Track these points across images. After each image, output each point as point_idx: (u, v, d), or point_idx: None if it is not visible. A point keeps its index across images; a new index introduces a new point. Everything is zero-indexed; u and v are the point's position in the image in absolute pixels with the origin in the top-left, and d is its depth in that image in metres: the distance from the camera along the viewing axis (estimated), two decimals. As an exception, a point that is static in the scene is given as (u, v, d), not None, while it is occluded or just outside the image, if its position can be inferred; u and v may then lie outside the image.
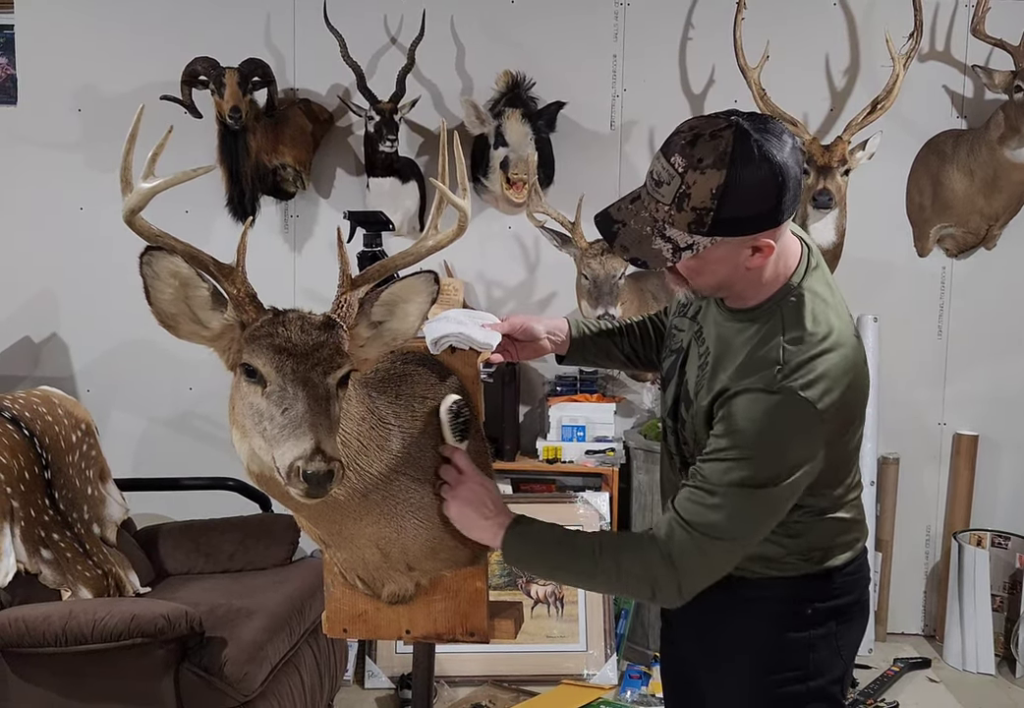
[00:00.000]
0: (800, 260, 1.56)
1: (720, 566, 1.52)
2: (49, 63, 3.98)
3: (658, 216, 1.45)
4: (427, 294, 1.57)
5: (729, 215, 1.41)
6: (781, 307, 1.52)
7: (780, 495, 1.48)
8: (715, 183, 1.40)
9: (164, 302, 1.43)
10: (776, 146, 1.41)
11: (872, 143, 3.44)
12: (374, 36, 3.89)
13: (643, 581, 1.52)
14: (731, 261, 1.49)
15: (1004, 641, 3.75)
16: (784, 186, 1.42)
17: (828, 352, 1.48)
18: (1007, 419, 3.93)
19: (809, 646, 1.64)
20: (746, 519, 1.48)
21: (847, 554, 1.66)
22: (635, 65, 3.89)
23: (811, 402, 1.44)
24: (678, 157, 1.42)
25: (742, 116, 1.44)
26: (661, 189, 1.44)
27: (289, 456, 1.33)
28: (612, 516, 3.66)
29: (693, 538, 1.47)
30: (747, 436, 1.46)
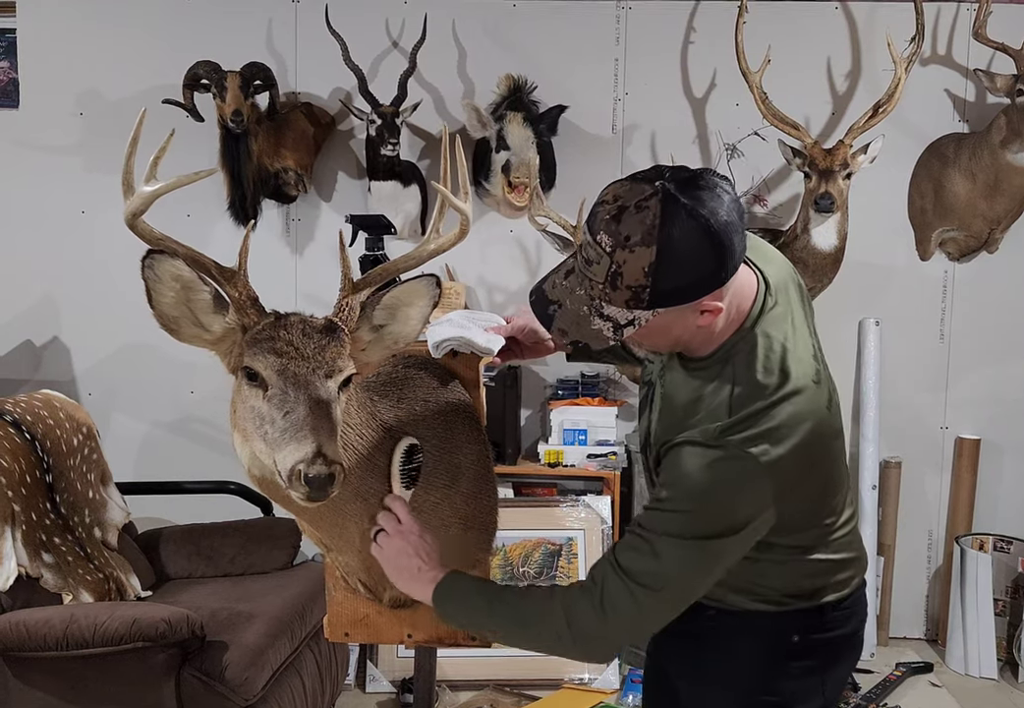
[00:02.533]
0: (755, 300, 1.47)
1: (653, 618, 1.46)
2: (51, 67, 3.98)
3: (593, 294, 1.37)
4: (429, 298, 1.57)
5: (667, 287, 1.34)
6: (733, 356, 1.46)
7: (719, 549, 1.41)
8: (646, 261, 1.31)
9: (166, 305, 1.43)
10: (709, 204, 1.33)
11: (874, 147, 3.44)
12: (376, 40, 3.89)
13: (571, 630, 1.45)
14: (679, 325, 1.42)
15: (1007, 645, 3.74)
16: (722, 246, 1.33)
17: (778, 404, 1.41)
18: (1009, 423, 3.92)
19: (791, 676, 1.59)
20: (680, 570, 1.41)
21: (843, 591, 1.61)
22: (637, 69, 3.89)
23: (754, 457, 1.37)
24: (604, 235, 1.34)
25: (668, 177, 1.34)
26: (592, 268, 1.36)
27: (290, 460, 1.33)
28: (613, 519, 3.65)
29: (627, 586, 1.41)
30: (685, 489, 1.40)
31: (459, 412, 1.76)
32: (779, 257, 1.61)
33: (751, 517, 1.41)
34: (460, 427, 1.75)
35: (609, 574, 1.44)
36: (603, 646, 1.48)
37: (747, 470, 1.38)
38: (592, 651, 1.49)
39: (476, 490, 1.75)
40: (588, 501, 3.67)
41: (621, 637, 1.47)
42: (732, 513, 1.40)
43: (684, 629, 1.55)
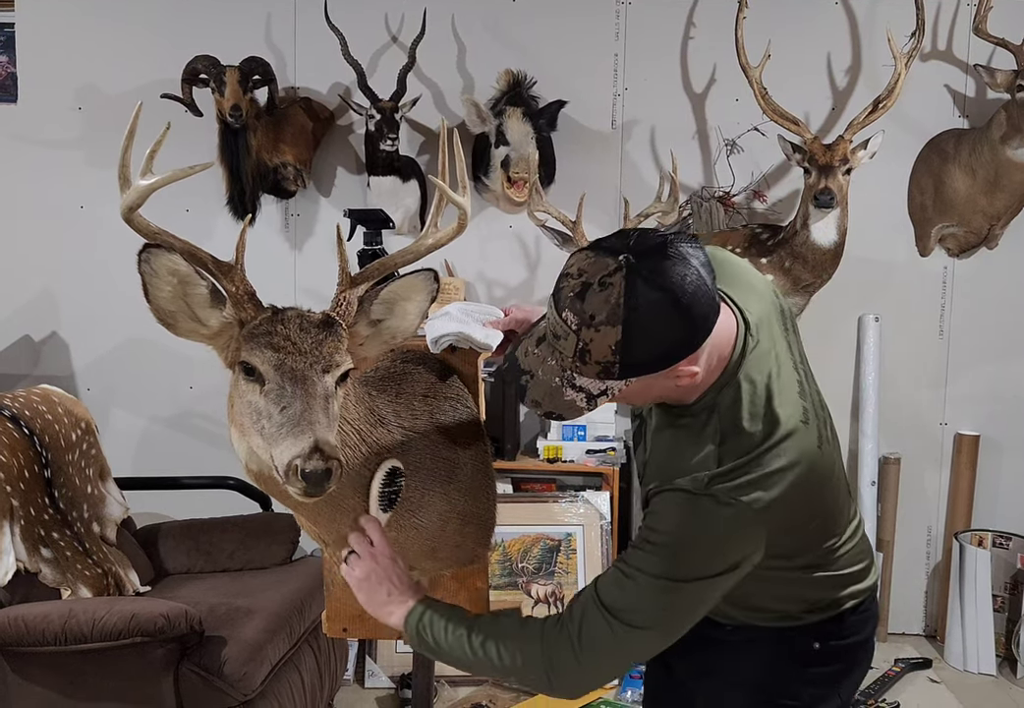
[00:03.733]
0: (735, 344, 1.45)
1: (633, 654, 1.45)
2: (49, 61, 3.97)
3: (565, 365, 1.36)
4: (427, 292, 1.57)
5: (637, 361, 1.32)
6: (717, 404, 1.44)
7: (704, 590, 1.41)
8: (613, 339, 1.30)
9: (162, 300, 1.43)
10: (675, 275, 1.30)
11: (874, 142, 3.43)
12: (375, 35, 3.88)
13: (544, 663, 1.43)
14: (655, 388, 1.41)
15: (1005, 641, 3.74)
16: (690, 316, 1.31)
17: (768, 451, 1.40)
18: (1008, 419, 3.92)
19: (810, 681, 1.60)
20: (659, 610, 1.40)
21: (857, 599, 1.62)
22: (636, 64, 3.88)
23: (746, 504, 1.37)
24: (569, 313, 1.32)
25: (633, 248, 1.32)
26: (560, 342, 1.35)
27: (287, 455, 1.33)
28: (612, 515, 3.66)
29: (607, 621, 1.40)
30: (672, 534, 1.40)
31: (458, 407, 1.76)
32: (760, 281, 1.58)
33: (739, 560, 1.41)
34: (459, 422, 1.74)
35: (590, 608, 1.42)
36: (580, 682, 1.46)
37: (738, 517, 1.38)
38: (568, 686, 1.46)
39: (474, 486, 1.75)
40: (587, 497, 3.66)
41: (599, 673, 1.45)
42: (720, 558, 1.40)
43: (700, 634, 1.54)
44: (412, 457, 1.64)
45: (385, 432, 1.61)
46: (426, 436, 1.68)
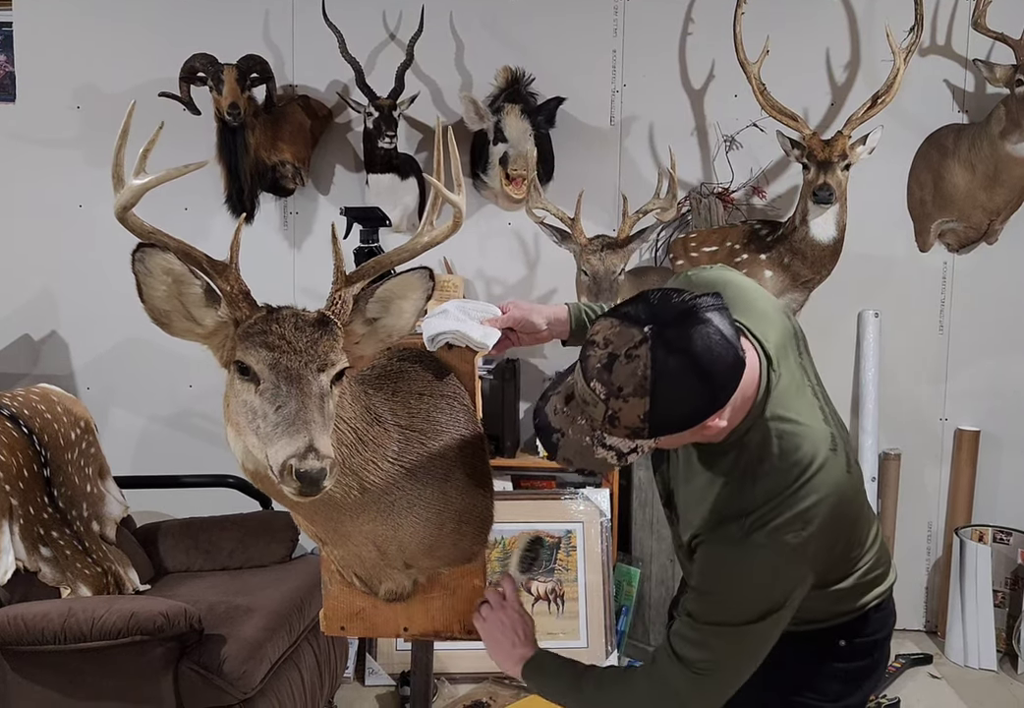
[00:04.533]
0: (760, 382, 1.48)
1: (721, 693, 1.52)
2: (48, 60, 3.97)
3: (595, 425, 1.39)
4: (422, 290, 1.57)
5: (665, 423, 1.36)
6: (747, 443, 1.48)
7: (766, 629, 1.47)
8: (641, 410, 1.34)
9: (157, 299, 1.43)
10: (700, 342, 1.33)
11: (873, 138, 3.42)
12: (373, 32, 3.88)
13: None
14: (684, 439, 1.45)
15: (1006, 637, 3.74)
16: (716, 381, 1.35)
17: (803, 487, 1.44)
18: (1009, 414, 3.91)
19: (836, 678, 1.65)
20: (731, 656, 1.48)
21: (880, 599, 1.66)
22: (635, 60, 3.87)
23: (788, 543, 1.42)
24: (597, 383, 1.36)
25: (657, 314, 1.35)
26: (589, 408, 1.39)
27: (282, 454, 1.33)
28: (612, 512, 3.66)
29: (685, 673, 1.48)
30: (725, 582, 1.46)
31: (455, 405, 1.75)
32: (772, 305, 1.59)
33: (792, 593, 1.47)
34: (456, 420, 1.74)
35: (668, 663, 1.51)
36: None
37: (782, 556, 1.43)
38: None
39: (472, 483, 1.75)
40: (587, 494, 3.66)
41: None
42: (773, 596, 1.46)
43: None
44: (409, 455, 1.64)
45: (382, 430, 1.61)
46: (423, 434, 1.68)
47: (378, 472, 1.60)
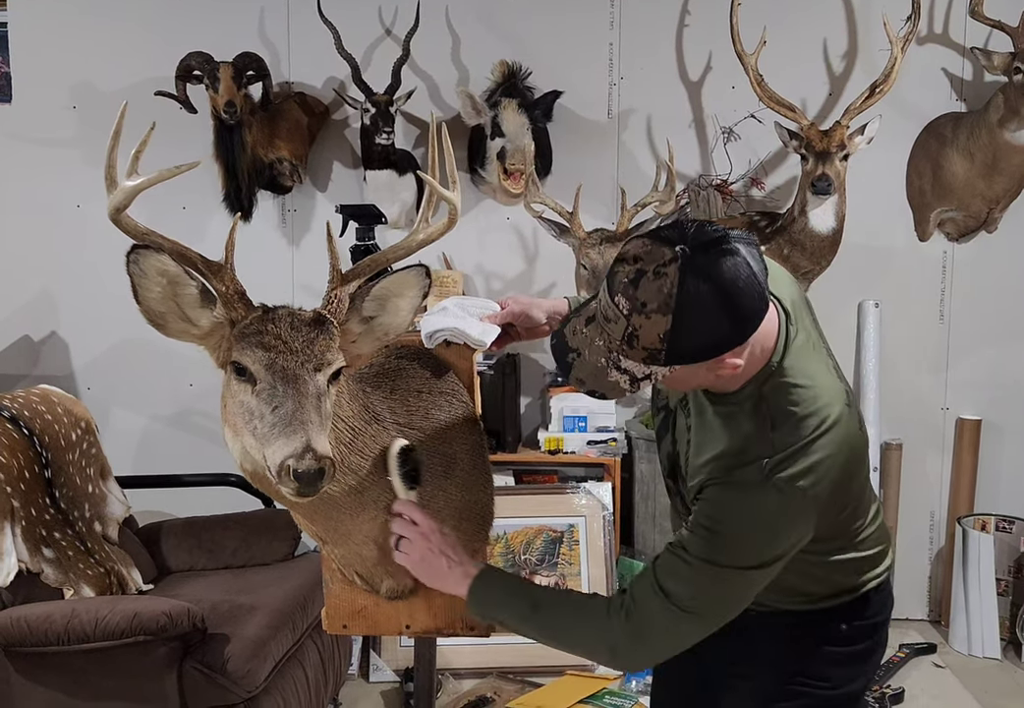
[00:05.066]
0: (779, 335, 1.48)
1: (686, 637, 1.50)
2: (43, 60, 3.96)
3: (612, 346, 1.39)
4: (419, 288, 1.56)
5: (683, 350, 1.35)
6: (764, 393, 1.47)
7: (759, 576, 1.46)
8: (662, 328, 1.32)
9: (152, 300, 1.42)
10: (728, 270, 1.32)
11: (871, 127, 3.41)
12: (368, 28, 3.87)
13: (602, 641, 1.51)
14: (698, 377, 1.44)
15: (1009, 625, 3.74)
16: (739, 312, 1.34)
17: (820, 438, 1.44)
18: (1010, 403, 3.91)
19: (838, 662, 1.64)
20: (721, 596, 1.47)
21: (879, 578, 1.66)
22: (632, 53, 3.86)
23: (802, 491, 1.42)
24: (621, 298, 1.35)
25: (689, 238, 1.34)
26: (610, 325, 1.38)
27: (279, 455, 1.32)
28: (615, 506, 3.65)
29: (665, 607, 1.45)
30: (731, 523, 1.44)
31: (453, 402, 1.75)
32: (783, 274, 1.60)
33: (794, 545, 1.46)
34: (455, 417, 1.74)
35: (649, 593, 1.47)
36: (639, 660, 1.54)
37: (795, 504, 1.43)
38: (628, 663, 1.55)
39: (472, 480, 1.75)
40: (589, 488, 3.66)
41: (656, 652, 1.52)
42: (778, 544, 1.45)
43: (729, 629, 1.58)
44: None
45: (380, 429, 1.60)
46: (422, 432, 1.68)
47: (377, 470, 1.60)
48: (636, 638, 1.48)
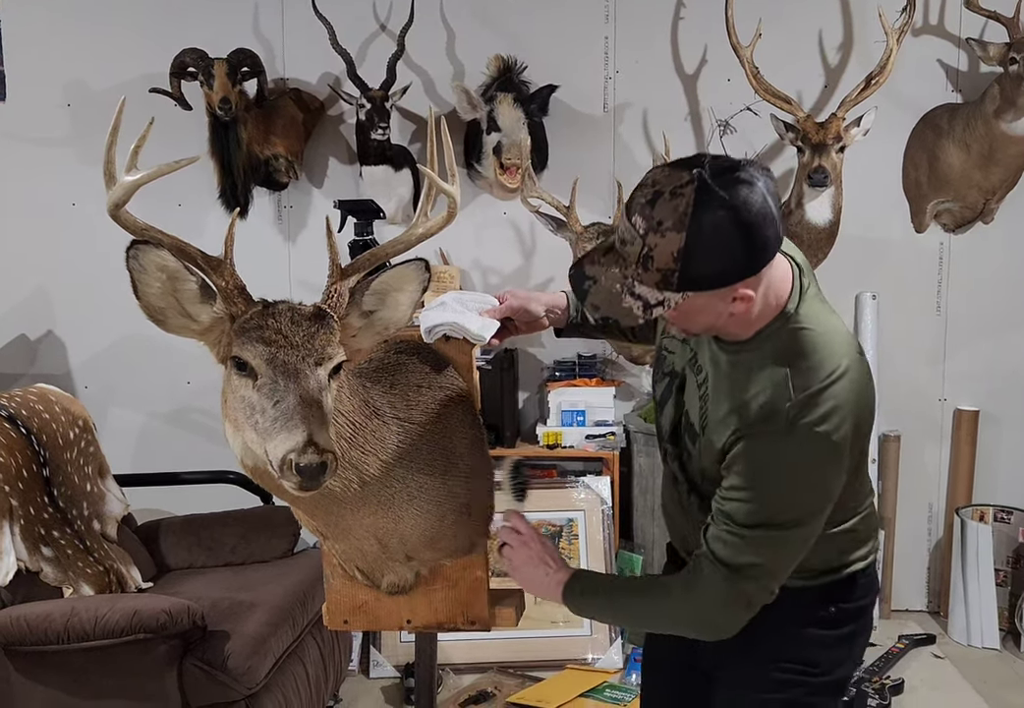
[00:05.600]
0: (792, 285, 1.51)
1: (762, 600, 1.53)
2: (37, 58, 3.94)
3: (627, 273, 1.41)
4: (418, 282, 1.56)
5: (696, 274, 1.37)
6: (780, 339, 1.48)
7: (810, 527, 1.49)
8: (675, 246, 1.35)
9: (152, 296, 1.42)
10: (743, 195, 1.35)
11: (867, 119, 3.41)
12: (363, 23, 3.86)
13: (695, 623, 1.56)
14: (711, 311, 1.45)
15: (1008, 615, 3.75)
16: (752, 237, 1.36)
17: (836, 381, 1.45)
18: (1008, 394, 3.91)
19: (826, 645, 1.65)
20: (781, 556, 1.49)
21: (867, 559, 1.68)
22: (627, 46, 3.86)
23: (827, 436, 1.43)
24: (638, 217, 1.38)
25: (707, 165, 1.37)
26: (626, 248, 1.40)
27: (281, 449, 1.32)
28: (614, 500, 3.66)
29: (724, 577, 1.48)
30: (766, 480, 1.45)
31: (453, 397, 1.75)
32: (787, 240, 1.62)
33: (831, 493, 1.48)
34: (454, 412, 1.74)
35: (712, 569, 1.50)
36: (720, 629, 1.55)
37: (822, 449, 1.44)
38: (713, 634, 1.56)
39: (472, 474, 1.75)
40: (588, 482, 3.67)
41: (736, 622, 1.53)
42: (816, 494, 1.46)
43: None
44: (407, 447, 1.64)
45: (380, 423, 1.60)
46: (421, 426, 1.68)
47: (377, 465, 1.59)
48: (710, 613, 1.52)
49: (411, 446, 1.64)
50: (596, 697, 3.25)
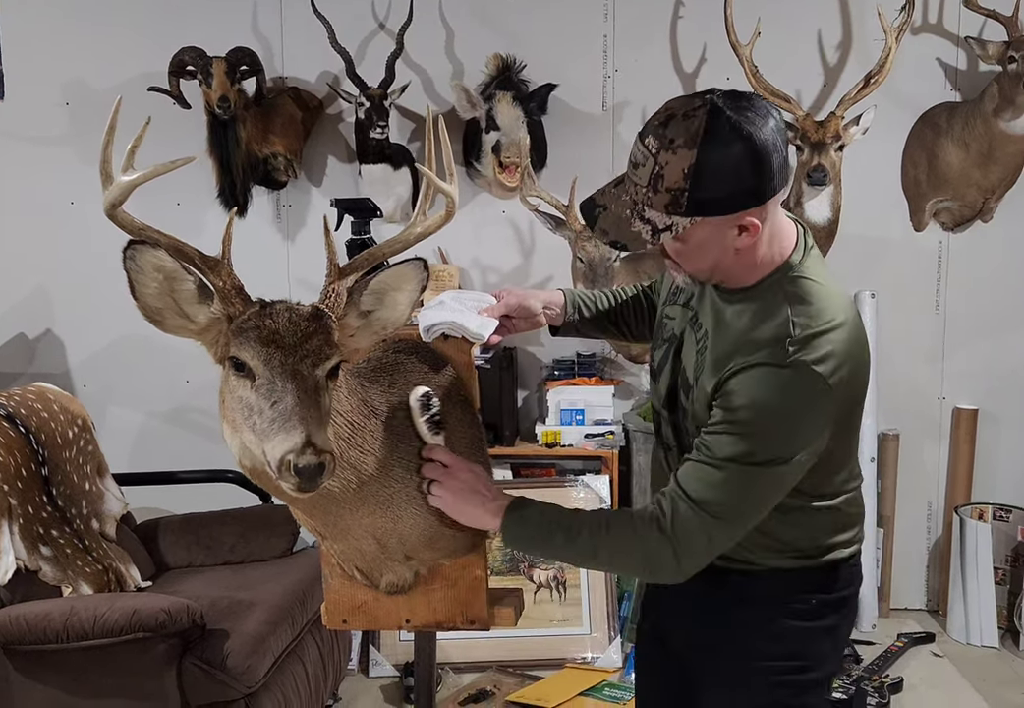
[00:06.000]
0: (796, 243, 1.54)
1: (721, 544, 1.50)
2: (35, 57, 3.94)
3: (637, 198, 1.45)
4: (416, 281, 1.55)
5: (704, 195, 1.40)
6: (783, 285, 1.50)
7: (786, 473, 1.46)
8: (686, 163, 1.38)
9: (149, 296, 1.41)
10: (755, 123, 1.39)
11: (866, 118, 3.41)
12: (362, 22, 3.86)
13: (643, 559, 1.51)
14: (717, 242, 1.46)
15: (1007, 614, 3.75)
16: (760, 163, 1.39)
17: (836, 329, 1.46)
18: (1006, 392, 3.91)
19: (812, 638, 1.63)
20: (750, 497, 1.47)
21: (852, 548, 1.66)
22: (626, 45, 3.85)
23: (823, 377, 1.43)
24: (651, 138, 1.42)
25: (720, 94, 1.42)
26: (638, 171, 1.44)
27: (279, 450, 1.32)
28: (612, 499, 3.66)
29: (697, 516, 1.45)
30: (756, 411, 1.43)
31: (452, 396, 1.74)
32: None
33: (813, 438, 1.46)
34: (453, 411, 1.73)
35: (678, 503, 1.47)
36: (678, 570, 1.51)
37: (816, 389, 1.43)
38: (667, 575, 1.53)
39: (471, 474, 1.74)
40: (587, 480, 3.67)
41: (694, 561, 1.51)
42: (799, 435, 1.45)
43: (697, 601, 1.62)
44: (406, 447, 1.63)
45: (378, 423, 1.60)
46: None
47: (376, 465, 1.59)
48: (672, 551, 1.48)
49: (409, 446, 1.64)
50: (595, 696, 3.26)
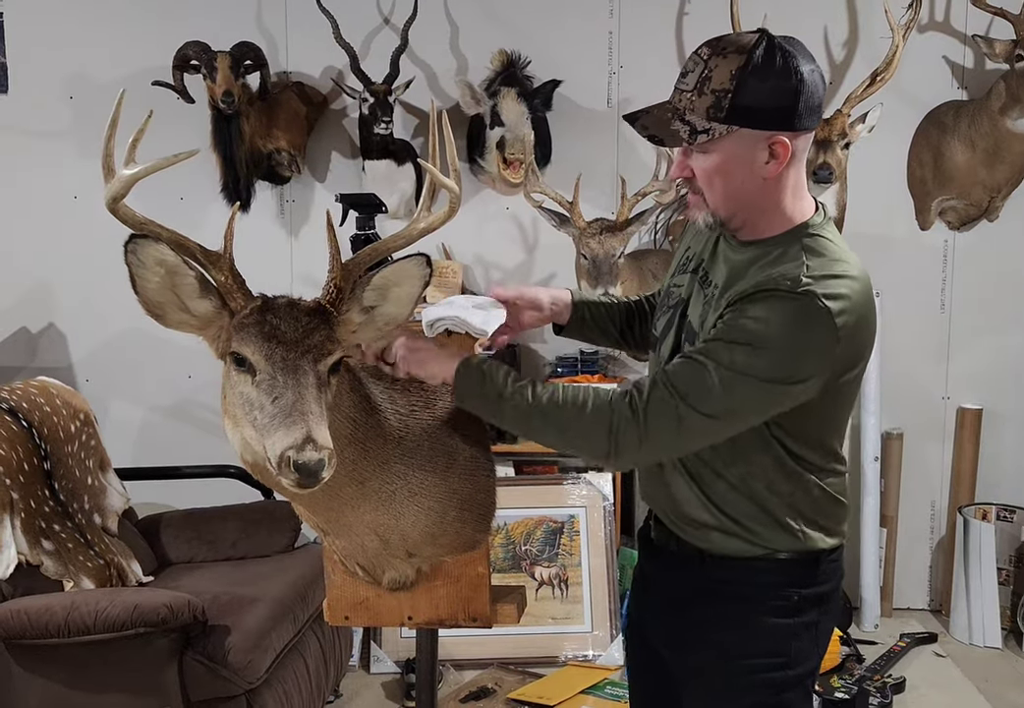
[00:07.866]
0: (816, 211, 1.58)
1: (687, 440, 1.50)
2: (39, 50, 3.94)
3: (680, 105, 1.51)
4: (419, 277, 1.55)
5: (746, 102, 1.45)
6: (800, 239, 1.52)
7: (771, 393, 1.46)
8: (735, 65, 1.45)
9: (150, 291, 1.41)
10: (799, 60, 1.46)
11: (872, 116, 3.40)
12: (367, 17, 3.85)
13: (606, 431, 1.48)
14: (746, 161, 1.50)
15: (1010, 614, 3.74)
16: (802, 92, 1.46)
17: (851, 279, 1.48)
18: (1011, 392, 3.90)
19: (792, 634, 1.62)
20: (731, 400, 1.45)
21: (833, 539, 1.64)
22: (631, 41, 3.84)
23: (832, 312, 1.43)
24: (705, 47, 1.49)
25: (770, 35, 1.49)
26: (687, 78, 1.50)
27: (280, 446, 1.31)
28: (615, 496, 3.65)
29: (673, 399, 1.45)
30: (759, 325, 1.44)
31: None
32: None
33: (811, 372, 1.46)
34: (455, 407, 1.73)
35: (659, 389, 1.47)
36: (637, 456, 1.52)
37: (821, 324, 1.44)
38: (625, 460, 1.53)
39: (473, 471, 1.73)
40: (589, 478, 3.66)
41: (656, 451, 1.52)
42: (800, 361, 1.45)
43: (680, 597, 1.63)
44: (409, 444, 1.63)
45: (380, 419, 1.59)
46: (423, 422, 1.67)
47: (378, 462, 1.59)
48: (639, 434, 1.46)
49: (411, 442, 1.64)
50: (596, 694, 3.25)
